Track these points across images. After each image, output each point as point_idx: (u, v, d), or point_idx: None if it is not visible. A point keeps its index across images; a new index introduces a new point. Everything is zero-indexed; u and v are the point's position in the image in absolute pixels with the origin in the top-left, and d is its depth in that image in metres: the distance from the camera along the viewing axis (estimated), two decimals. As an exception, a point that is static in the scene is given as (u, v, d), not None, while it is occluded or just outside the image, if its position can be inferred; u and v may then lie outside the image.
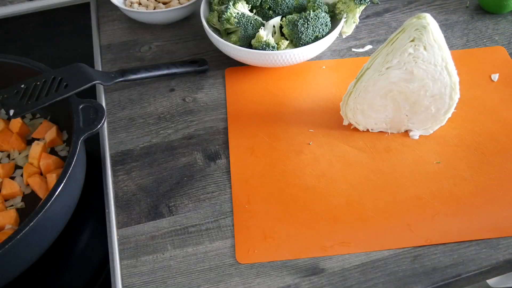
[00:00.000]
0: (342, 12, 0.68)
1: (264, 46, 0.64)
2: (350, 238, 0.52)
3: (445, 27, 0.77)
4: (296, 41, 0.66)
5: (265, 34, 0.65)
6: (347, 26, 0.70)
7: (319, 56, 0.73)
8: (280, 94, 0.68)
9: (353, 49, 0.74)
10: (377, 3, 0.82)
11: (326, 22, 0.66)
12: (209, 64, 0.73)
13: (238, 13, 0.66)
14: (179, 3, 0.79)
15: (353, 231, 0.53)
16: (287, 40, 0.67)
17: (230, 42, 0.67)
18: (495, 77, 0.68)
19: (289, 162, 0.59)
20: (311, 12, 0.65)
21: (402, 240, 0.52)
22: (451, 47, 0.73)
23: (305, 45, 0.65)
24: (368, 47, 0.74)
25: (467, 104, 0.64)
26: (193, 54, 0.75)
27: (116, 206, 0.57)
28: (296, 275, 0.50)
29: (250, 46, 0.67)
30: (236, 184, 0.58)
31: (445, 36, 0.75)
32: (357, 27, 0.77)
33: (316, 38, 0.66)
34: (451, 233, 0.52)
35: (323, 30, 0.66)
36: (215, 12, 0.70)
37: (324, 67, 0.71)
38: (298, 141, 0.61)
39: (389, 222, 0.53)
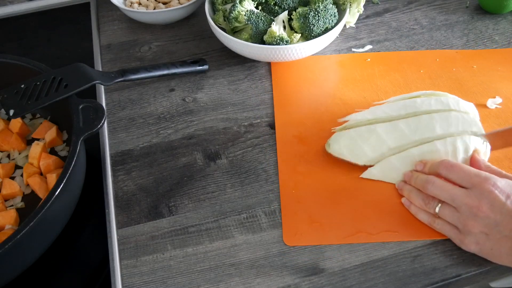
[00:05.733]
0: (346, 2, 0.70)
1: (278, 41, 0.65)
2: (397, 227, 0.53)
3: (445, 27, 0.77)
4: (308, 34, 0.67)
5: (277, 29, 0.66)
6: (351, 15, 0.72)
7: (319, 55, 0.73)
8: (325, 85, 0.69)
9: (353, 49, 0.74)
10: (377, 3, 0.82)
11: (334, 13, 0.68)
12: (209, 64, 0.73)
13: (247, 11, 0.67)
14: (179, 3, 0.79)
15: (400, 220, 0.53)
16: (297, 33, 0.67)
17: (241, 40, 0.67)
18: None
19: None
20: (320, 4, 0.66)
21: None
22: (451, 47, 0.74)
23: (316, 37, 0.66)
24: (368, 47, 0.74)
25: (511, 100, 0.65)
26: (193, 54, 0.75)
27: (116, 206, 0.57)
28: (296, 275, 0.50)
29: (261, 42, 0.68)
30: (283, 171, 0.58)
31: (445, 36, 0.75)
32: (357, 27, 0.78)
33: (326, 30, 0.67)
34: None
35: (332, 21, 0.67)
36: (220, 11, 0.70)
37: (368, 59, 0.72)
38: None
39: None
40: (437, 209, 0.51)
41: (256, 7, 0.69)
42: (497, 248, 0.47)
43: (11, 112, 0.55)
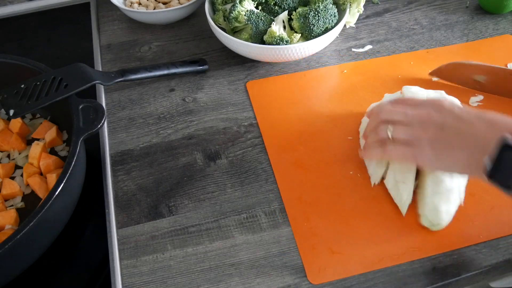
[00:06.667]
0: (346, 2, 0.70)
1: (278, 41, 0.65)
2: (419, 243, 0.51)
3: (445, 27, 0.77)
4: (308, 34, 0.67)
5: (277, 29, 0.66)
6: (351, 15, 0.72)
7: (319, 55, 0.73)
8: (308, 103, 0.66)
9: (353, 49, 0.74)
10: (377, 3, 0.82)
11: (334, 13, 0.68)
12: (209, 64, 0.73)
13: (247, 11, 0.67)
14: (179, 3, 0.79)
15: (421, 234, 0.51)
16: (297, 33, 0.67)
17: (241, 40, 0.67)
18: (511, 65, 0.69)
19: (337, 173, 0.58)
20: (320, 4, 0.66)
21: (466, 238, 0.51)
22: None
23: (316, 37, 0.66)
24: (368, 47, 0.74)
25: (491, 96, 0.65)
26: (193, 54, 0.75)
27: (116, 206, 0.57)
28: (296, 275, 0.50)
29: (261, 42, 0.68)
30: (289, 202, 0.55)
31: (445, 36, 0.75)
32: (357, 27, 0.78)
33: (326, 30, 0.67)
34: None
35: (332, 21, 0.67)
36: (220, 11, 0.70)
37: (345, 71, 0.70)
38: (340, 151, 0.60)
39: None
40: (389, 133, 0.51)
41: (256, 7, 0.70)
42: (449, 146, 0.47)
43: (11, 112, 0.55)
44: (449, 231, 0.51)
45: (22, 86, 0.57)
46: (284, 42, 0.65)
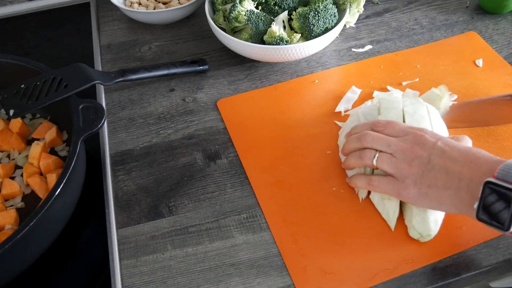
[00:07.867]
0: (346, 2, 0.70)
1: (278, 41, 0.65)
2: (410, 254, 0.50)
3: (445, 27, 0.77)
4: (308, 34, 0.67)
5: (277, 29, 0.66)
6: (351, 15, 0.72)
7: (319, 55, 0.73)
8: (283, 119, 0.64)
9: (353, 49, 0.74)
10: (377, 3, 0.82)
11: (334, 13, 0.68)
12: (209, 64, 0.73)
13: (247, 11, 0.67)
14: (179, 3, 0.79)
15: (411, 245, 0.51)
16: (297, 33, 0.67)
17: (241, 40, 0.67)
18: (479, 62, 0.70)
19: (320, 190, 0.56)
20: (320, 4, 0.66)
21: (456, 245, 0.50)
22: (451, 47, 0.74)
23: (316, 37, 0.66)
24: (368, 47, 0.74)
25: (464, 93, 0.65)
26: (193, 54, 0.75)
27: (116, 206, 0.57)
28: (296, 275, 0.50)
29: (261, 42, 0.68)
30: (274, 225, 0.53)
31: (445, 36, 0.75)
32: (357, 27, 0.78)
33: (326, 30, 0.67)
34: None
35: (332, 21, 0.67)
36: (220, 11, 0.70)
37: (316, 81, 0.69)
38: (320, 167, 0.58)
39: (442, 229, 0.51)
40: (374, 161, 0.51)
41: (256, 7, 0.70)
42: (434, 184, 0.47)
43: (11, 112, 0.55)
44: (439, 240, 0.51)
45: (22, 86, 0.57)
46: (284, 42, 0.65)
